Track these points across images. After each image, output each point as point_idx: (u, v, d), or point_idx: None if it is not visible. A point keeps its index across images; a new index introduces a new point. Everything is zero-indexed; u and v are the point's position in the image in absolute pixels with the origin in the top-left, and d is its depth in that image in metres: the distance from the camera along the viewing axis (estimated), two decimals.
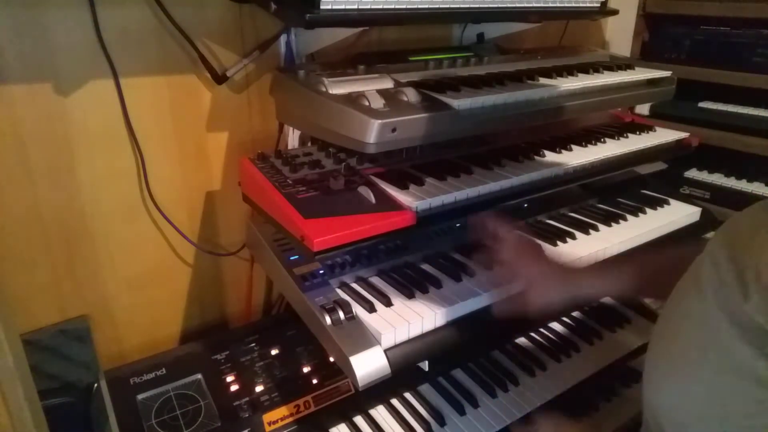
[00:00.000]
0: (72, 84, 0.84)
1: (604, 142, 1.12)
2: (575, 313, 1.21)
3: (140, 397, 0.85)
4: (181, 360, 0.92)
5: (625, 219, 1.08)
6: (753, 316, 0.43)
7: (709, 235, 1.13)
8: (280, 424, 0.84)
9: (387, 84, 0.90)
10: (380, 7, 0.84)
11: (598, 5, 1.19)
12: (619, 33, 1.64)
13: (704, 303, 0.50)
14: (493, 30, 1.25)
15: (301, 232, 0.72)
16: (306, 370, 0.92)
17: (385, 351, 0.71)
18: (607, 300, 1.27)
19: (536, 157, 1.00)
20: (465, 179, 0.89)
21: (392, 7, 0.85)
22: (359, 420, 0.89)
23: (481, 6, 0.98)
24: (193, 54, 0.92)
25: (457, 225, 0.98)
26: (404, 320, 0.74)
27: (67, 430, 0.88)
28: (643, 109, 1.61)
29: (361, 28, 1.04)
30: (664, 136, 1.21)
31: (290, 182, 0.83)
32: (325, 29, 0.97)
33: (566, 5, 1.12)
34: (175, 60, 0.92)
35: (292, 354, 0.95)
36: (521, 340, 1.11)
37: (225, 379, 0.89)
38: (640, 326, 1.18)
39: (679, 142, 1.22)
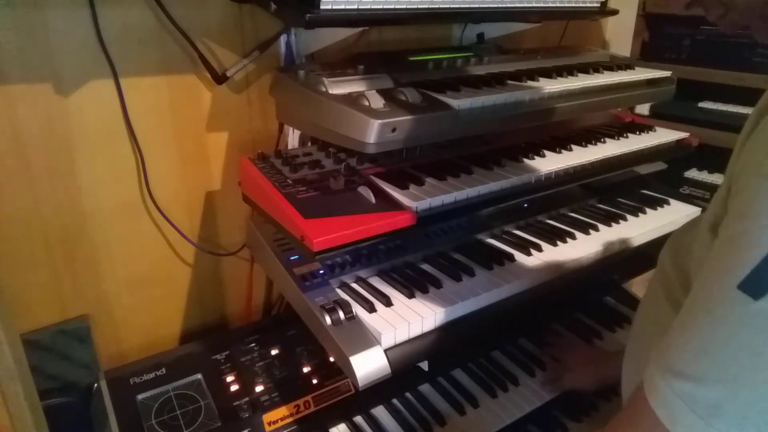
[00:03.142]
0: (72, 84, 0.84)
1: (604, 142, 1.12)
2: (575, 313, 1.21)
3: (140, 397, 0.85)
4: (181, 360, 0.92)
5: (625, 219, 1.08)
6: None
7: None
8: (280, 424, 0.84)
9: (387, 84, 0.90)
10: (380, 7, 0.84)
11: (598, 5, 1.19)
12: (619, 33, 1.64)
13: (656, 296, 0.59)
14: (493, 30, 1.25)
15: (301, 232, 0.72)
16: (306, 370, 0.92)
17: (385, 351, 0.71)
18: (607, 300, 1.27)
19: (536, 157, 1.00)
20: (465, 179, 0.89)
21: (392, 7, 0.85)
22: (359, 420, 0.89)
23: (481, 6, 0.98)
24: (193, 54, 0.92)
25: (457, 225, 0.98)
26: (404, 320, 0.74)
27: (67, 430, 0.88)
28: (643, 109, 1.61)
29: (361, 28, 1.04)
30: (664, 136, 1.21)
31: (290, 182, 0.83)
32: (325, 29, 0.97)
33: (566, 5, 1.12)
34: (175, 60, 0.92)
35: (292, 354, 0.95)
36: (521, 341, 1.11)
37: (225, 379, 0.89)
38: None
39: (679, 142, 1.22)
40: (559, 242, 0.97)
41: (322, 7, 0.77)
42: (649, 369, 0.47)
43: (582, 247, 0.96)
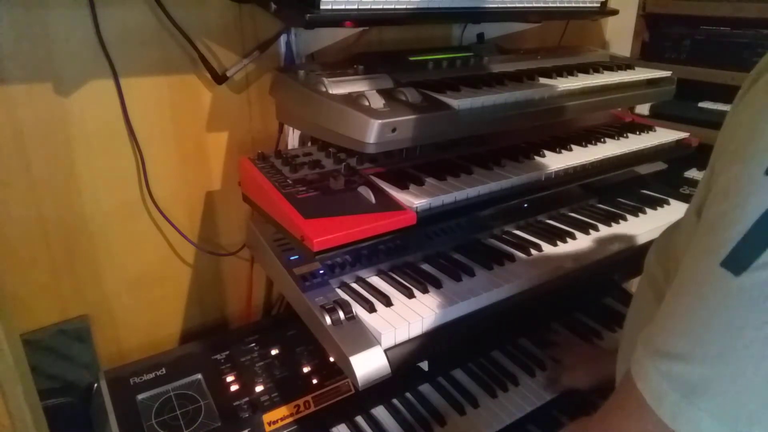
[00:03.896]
0: (72, 84, 0.84)
1: (604, 142, 1.12)
2: (575, 313, 1.21)
3: (140, 397, 0.84)
4: (181, 360, 0.91)
5: (625, 219, 1.08)
6: None
7: None
8: (280, 424, 0.84)
9: (387, 84, 0.90)
10: (380, 7, 0.84)
11: (598, 5, 1.19)
12: (619, 33, 1.64)
13: (645, 298, 0.61)
14: (493, 30, 1.25)
15: (301, 232, 0.72)
16: (306, 370, 0.92)
17: (385, 351, 0.71)
18: (606, 300, 1.27)
19: (536, 157, 1.00)
20: (465, 179, 0.89)
21: (392, 7, 0.85)
22: (359, 420, 0.89)
23: (481, 6, 0.98)
24: (193, 54, 0.92)
25: (457, 225, 0.98)
26: (404, 320, 0.74)
27: (67, 430, 0.88)
28: (643, 109, 1.60)
29: (361, 28, 1.04)
30: (664, 136, 1.21)
31: (290, 182, 0.83)
32: (325, 29, 0.97)
33: (566, 5, 1.12)
34: (175, 60, 0.92)
35: (292, 354, 0.94)
36: (521, 341, 1.11)
37: (225, 379, 0.89)
38: None
39: (679, 142, 1.22)
40: (559, 242, 0.97)
41: (322, 7, 0.77)
42: (637, 352, 0.48)
43: (582, 247, 0.96)
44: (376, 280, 0.86)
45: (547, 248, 0.95)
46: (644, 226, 1.06)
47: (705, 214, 0.45)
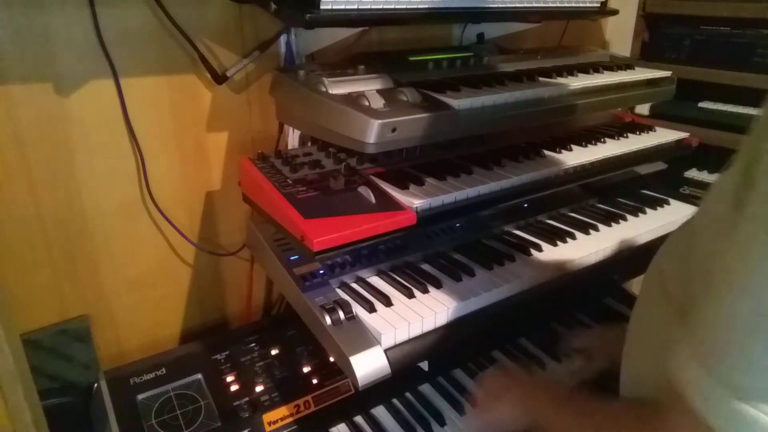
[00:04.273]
0: (72, 84, 0.84)
1: (604, 142, 1.12)
2: (575, 313, 1.21)
3: (140, 397, 0.84)
4: (181, 360, 0.91)
5: (625, 219, 1.08)
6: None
7: None
8: (280, 424, 0.84)
9: (387, 84, 0.90)
10: (380, 7, 0.84)
11: (598, 5, 1.19)
12: (619, 33, 1.64)
13: (652, 295, 0.60)
14: (493, 30, 1.25)
15: (301, 232, 0.72)
16: (306, 370, 0.92)
17: (385, 351, 0.71)
18: (606, 300, 1.27)
19: (536, 157, 1.00)
20: (465, 179, 0.89)
21: (392, 7, 0.85)
22: (359, 420, 0.89)
23: (481, 6, 0.98)
24: (193, 54, 0.92)
25: (457, 225, 0.98)
26: (404, 320, 0.74)
27: (67, 430, 0.88)
28: (643, 109, 1.60)
29: (361, 28, 1.04)
30: (664, 136, 1.21)
31: (290, 182, 0.83)
32: (325, 29, 0.97)
33: (566, 5, 1.12)
34: (175, 60, 0.92)
35: (292, 354, 0.95)
36: (521, 340, 1.11)
37: (225, 379, 0.89)
38: None
39: (679, 142, 1.22)
40: (559, 242, 0.97)
41: (322, 7, 0.77)
42: (692, 372, 0.42)
43: (582, 247, 0.96)
44: (376, 280, 0.86)
45: (547, 248, 0.95)
46: (644, 226, 1.06)
47: (752, 209, 0.39)
